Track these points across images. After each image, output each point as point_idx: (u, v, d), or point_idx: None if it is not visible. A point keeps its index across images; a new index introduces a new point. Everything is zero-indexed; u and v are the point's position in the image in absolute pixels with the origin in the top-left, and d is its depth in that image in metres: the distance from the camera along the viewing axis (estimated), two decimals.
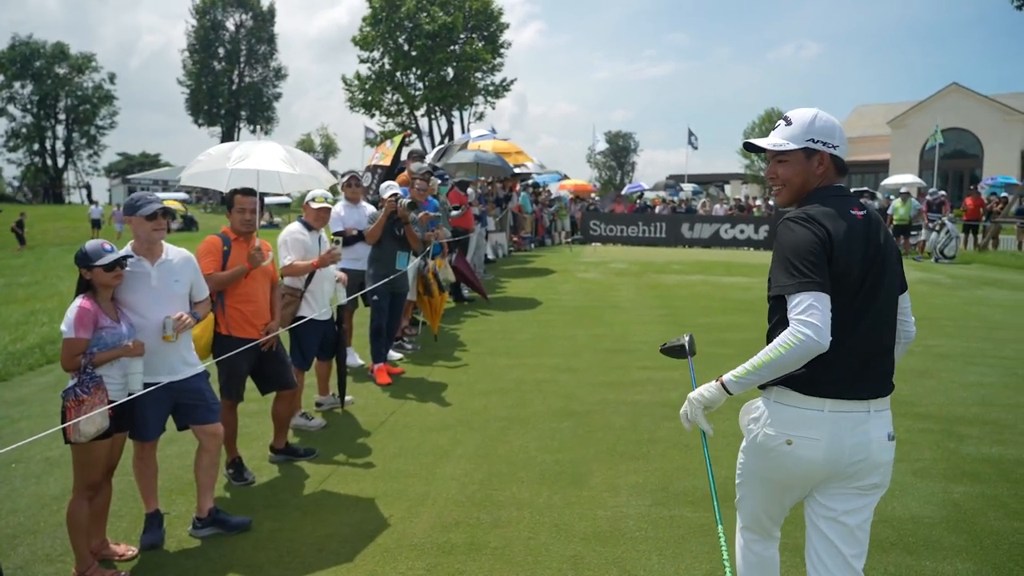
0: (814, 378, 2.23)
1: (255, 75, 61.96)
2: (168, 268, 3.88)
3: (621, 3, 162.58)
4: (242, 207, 4.61)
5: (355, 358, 7.40)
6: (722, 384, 2.36)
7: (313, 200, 5.57)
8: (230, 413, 4.71)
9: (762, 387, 2.37)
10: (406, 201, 7.01)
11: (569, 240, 23.47)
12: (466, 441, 5.28)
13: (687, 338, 2.94)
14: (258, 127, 61.27)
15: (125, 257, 3.65)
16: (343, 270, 7.17)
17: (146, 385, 3.67)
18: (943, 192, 19.89)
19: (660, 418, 5.66)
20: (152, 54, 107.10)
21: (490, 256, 15.23)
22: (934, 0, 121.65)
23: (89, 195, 59.17)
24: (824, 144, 2.35)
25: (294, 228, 5.58)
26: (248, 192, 4.65)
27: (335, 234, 7.15)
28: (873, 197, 25.08)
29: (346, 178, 7.35)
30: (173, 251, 3.96)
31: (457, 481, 4.60)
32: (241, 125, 61.22)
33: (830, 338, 2.10)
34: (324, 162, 53.91)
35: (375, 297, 6.81)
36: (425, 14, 44.96)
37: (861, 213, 2.32)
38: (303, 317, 5.48)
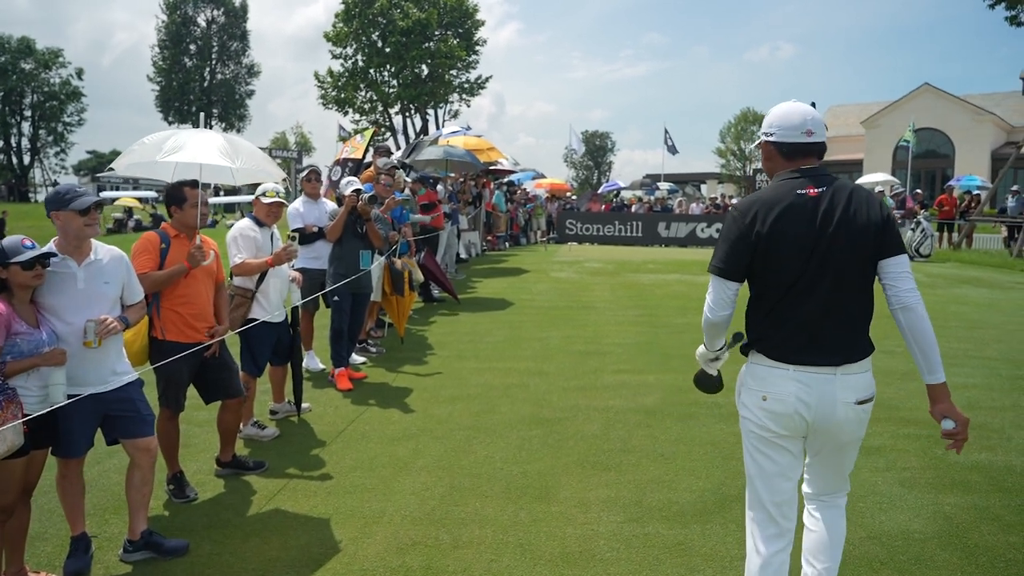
0: (776, 347, 2.52)
1: (227, 72, 61.09)
2: (97, 269, 3.52)
3: (598, 3, 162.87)
4: (195, 200, 4.27)
5: (316, 362, 7.04)
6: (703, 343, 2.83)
7: (264, 195, 5.21)
8: (170, 424, 4.35)
9: (744, 354, 2.66)
10: (367, 196, 6.68)
11: (545, 239, 23.18)
12: (428, 452, 4.96)
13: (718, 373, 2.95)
14: (230, 125, 60.22)
15: (47, 255, 3.29)
16: (302, 269, 6.86)
17: (70, 397, 3.32)
18: (917, 191, 19.89)
19: (634, 425, 5.37)
20: (125, 51, 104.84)
21: (463, 255, 14.89)
22: (906, 2, 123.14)
23: None
24: (764, 135, 2.62)
25: (244, 225, 5.22)
26: (196, 183, 4.31)
27: (294, 231, 6.81)
28: None
29: (305, 173, 6.99)
30: (103, 249, 3.60)
31: (416, 496, 4.27)
32: (213, 123, 60.20)
33: (724, 311, 2.58)
34: (298, 160, 53.08)
35: (336, 298, 6.46)
36: (399, 10, 44.42)
37: (817, 190, 2.48)
38: (255, 320, 5.13)
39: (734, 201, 28.64)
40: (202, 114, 3.67)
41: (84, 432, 3.51)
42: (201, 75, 59.29)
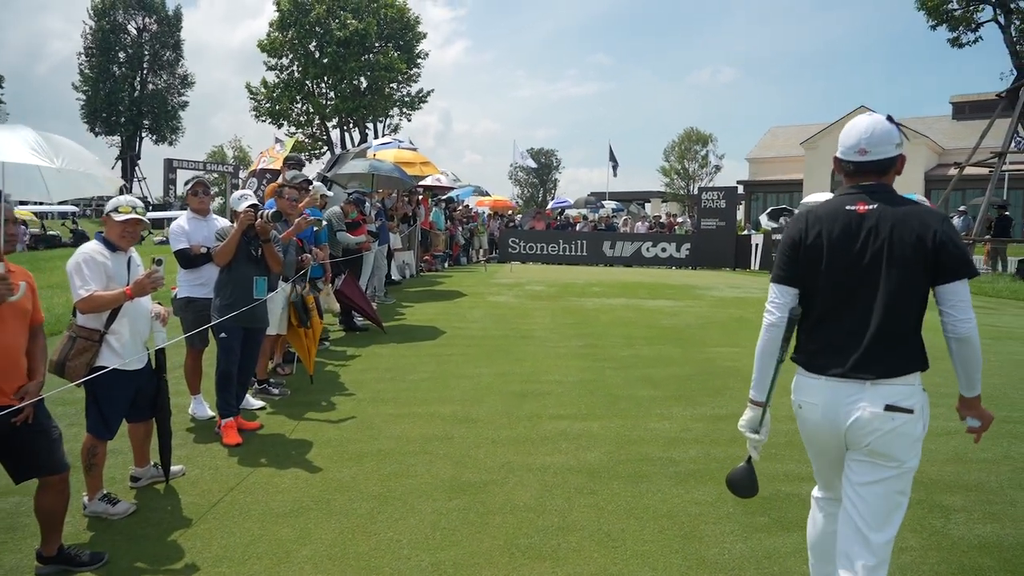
0: (812, 357, 2.60)
1: (160, 82, 58.59)
2: None
3: (544, 23, 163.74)
4: None
5: (204, 408, 5.96)
6: (749, 401, 2.77)
7: (116, 210, 4.17)
8: None
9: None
10: (270, 212, 5.68)
11: (485, 259, 22.28)
12: (319, 534, 3.95)
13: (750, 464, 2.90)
14: (162, 137, 57.76)
15: None
16: (187, 299, 5.84)
17: None
18: None
19: (575, 491, 4.46)
20: (61, 60, 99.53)
21: (395, 277, 13.86)
22: (841, 30, 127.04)
23: None
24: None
25: (91, 248, 4.16)
26: None
27: (176, 252, 5.75)
28: (792, 215, 24.98)
29: (190, 185, 5.93)
30: None
31: None
32: (143, 134, 57.73)
33: (782, 313, 2.62)
34: (235, 174, 50.99)
35: (223, 334, 5.42)
36: (336, 20, 43.10)
37: (867, 207, 2.53)
38: (103, 368, 4.07)
39: (680, 220, 28.32)
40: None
41: None
42: (131, 84, 56.64)
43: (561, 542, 3.84)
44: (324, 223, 7.21)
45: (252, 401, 6.18)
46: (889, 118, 2.59)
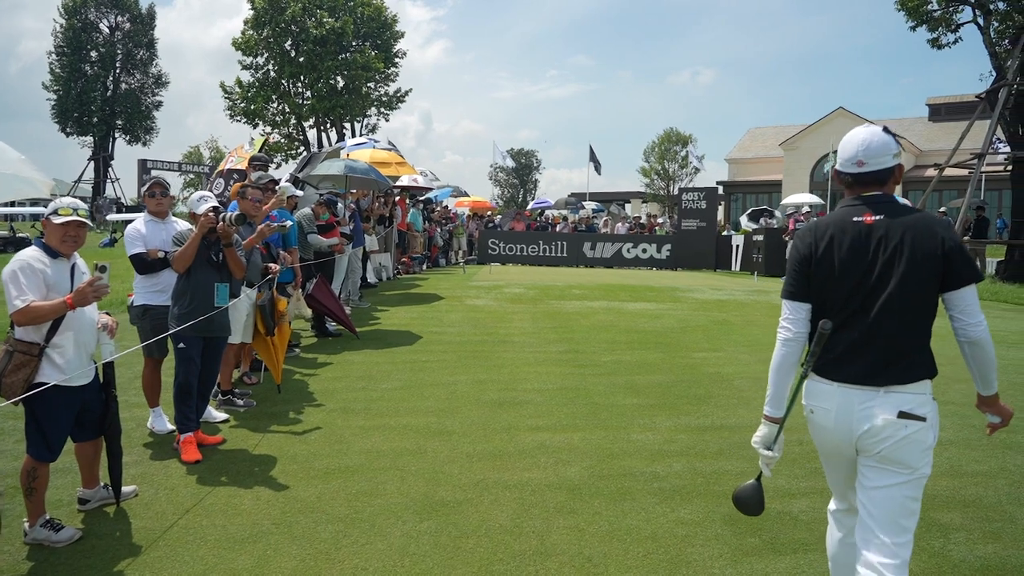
0: (825, 364, 2.61)
1: (133, 82, 57.49)
2: None
3: (525, 24, 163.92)
4: None
5: (163, 422, 5.64)
6: (764, 417, 2.74)
7: (56, 212, 3.87)
8: None
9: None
10: (233, 215, 5.37)
11: (463, 261, 22.00)
12: (278, 562, 3.66)
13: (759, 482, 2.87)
14: (135, 137, 56.68)
15: None
16: (144, 307, 5.52)
17: None
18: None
19: (554, 511, 4.21)
20: (33, 60, 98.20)
21: (371, 280, 13.54)
22: (821, 31, 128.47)
23: None
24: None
25: (28, 255, 3.85)
26: None
27: (132, 257, 5.43)
28: (772, 216, 24.97)
29: (147, 186, 5.61)
30: None
31: None
32: (117, 135, 56.63)
33: (798, 329, 2.66)
34: (211, 174, 50.24)
35: (181, 344, 5.12)
36: (312, 18, 42.51)
37: (873, 218, 2.55)
38: (43, 384, 3.76)
39: (660, 220, 28.21)
40: None
41: None
42: (103, 84, 55.50)
43: (539, 568, 3.58)
44: (289, 224, 6.89)
45: (214, 413, 5.87)
46: (885, 129, 2.62)
